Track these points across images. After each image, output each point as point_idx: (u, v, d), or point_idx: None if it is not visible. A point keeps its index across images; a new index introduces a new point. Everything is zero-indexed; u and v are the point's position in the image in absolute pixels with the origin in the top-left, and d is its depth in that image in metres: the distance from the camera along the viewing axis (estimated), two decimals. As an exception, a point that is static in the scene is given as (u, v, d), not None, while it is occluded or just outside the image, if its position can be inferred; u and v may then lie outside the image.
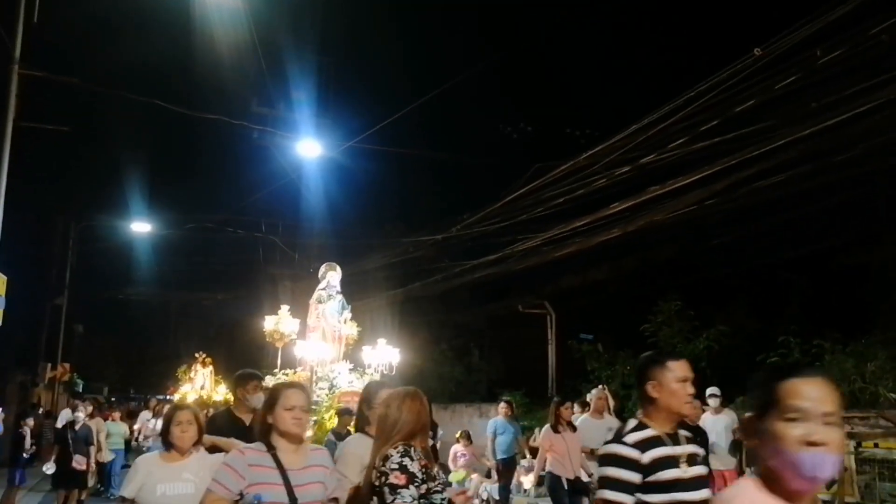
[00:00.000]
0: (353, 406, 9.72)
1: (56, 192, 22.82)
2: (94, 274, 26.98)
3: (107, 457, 13.64)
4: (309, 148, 15.34)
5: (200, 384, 19.23)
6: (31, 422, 11.91)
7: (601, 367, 16.43)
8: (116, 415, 14.61)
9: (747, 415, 1.85)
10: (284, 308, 12.51)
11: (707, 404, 10.63)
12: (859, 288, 13.99)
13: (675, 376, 3.17)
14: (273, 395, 3.43)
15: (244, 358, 27.67)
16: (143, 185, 22.94)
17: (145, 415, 15.01)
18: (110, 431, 13.96)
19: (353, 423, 9.15)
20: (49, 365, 21.34)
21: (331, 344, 11.52)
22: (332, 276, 12.01)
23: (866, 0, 7.66)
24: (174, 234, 24.87)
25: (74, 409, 11.83)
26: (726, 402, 10.32)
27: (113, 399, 21.38)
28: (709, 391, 10.36)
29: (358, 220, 21.68)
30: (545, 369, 19.71)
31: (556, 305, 20.08)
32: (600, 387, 13.88)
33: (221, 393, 19.63)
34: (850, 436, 10.24)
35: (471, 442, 13.22)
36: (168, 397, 19.10)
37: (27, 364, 21.23)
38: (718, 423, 9.97)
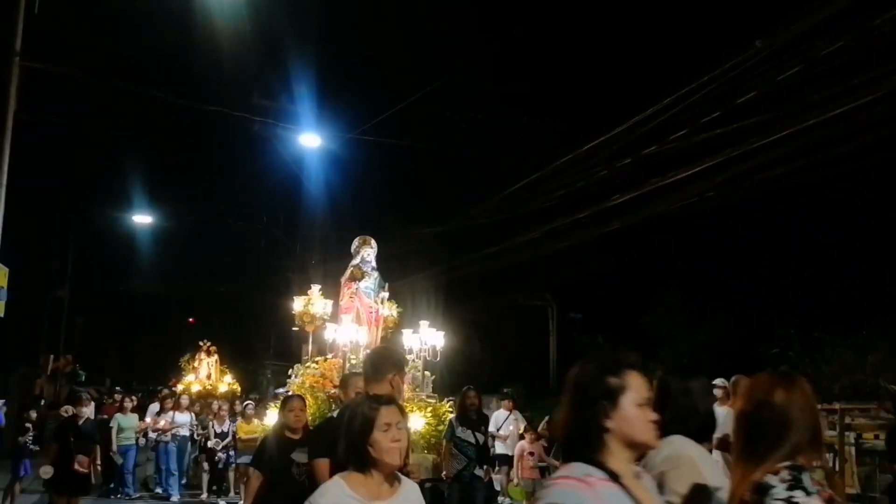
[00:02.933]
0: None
1: (57, 184, 22.85)
2: (97, 266, 27.05)
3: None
4: (311, 139, 15.32)
5: (205, 374, 18.74)
6: (33, 414, 11.87)
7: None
8: (129, 405, 13.23)
9: None
10: (315, 287, 10.96)
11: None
12: (860, 278, 13.99)
13: None
14: (616, 384, 2.04)
15: (249, 347, 27.76)
16: (144, 177, 22.90)
17: (154, 408, 13.75)
18: (122, 425, 12.73)
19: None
20: (52, 356, 21.40)
21: (366, 327, 10.26)
22: (366, 252, 10.78)
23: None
24: (176, 225, 24.91)
25: (77, 402, 9.96)
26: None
27: (132, 388, 20.54)
28: (716, 382, 10.34)
29: (360, 211, 21.64)
30: (546, 361, 19.75)
31: (558, 297, 20.11)
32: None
33: (227, 383, 18.95)
34: (851, 427, 10.28)
35: (539, 437, 11.60)
36: (171, 388, 18.71)
37: (29, 356, 21.30)
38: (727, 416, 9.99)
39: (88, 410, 9.94)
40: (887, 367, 11.13)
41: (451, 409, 9.53)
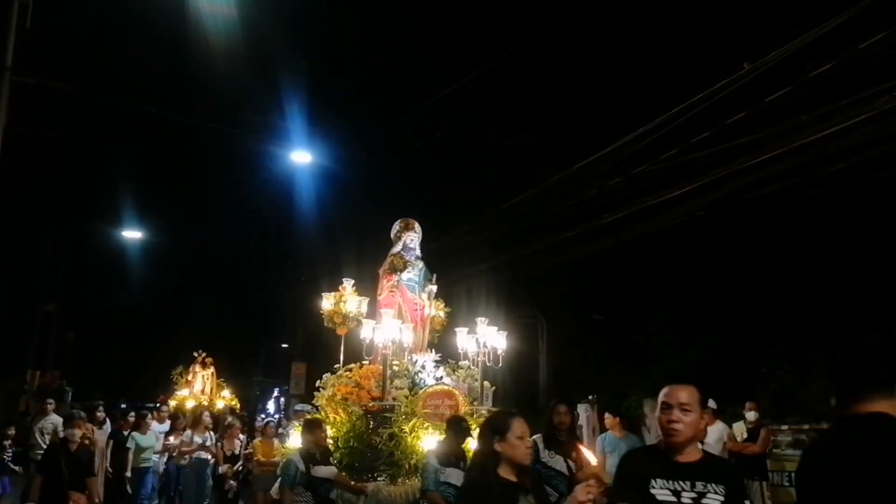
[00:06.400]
0: (446, 410, 7.48)
1: (48, 198, 22.76)
2: (88, 281, 26.94)
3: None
4: (302, 156, 15.34)
5: (200, 388, 17.37)
6: (11, 430, 11.59)
7: (592, 378, 16.45)
8: (151, 422, 12.01)
9: None
10: (348, 282, 9.18)
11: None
12: (850, 297, 14.03)
13: None
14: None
15: (239, 363, 27.67)
16: (136, 192, 22.86)
17: (157, 426, 12.40)
18: (140, 444, 11.54)
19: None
20: (38, 372, 21.21)
21: (411, 325, 8.62)
22: (408, 237, 9.14)
23: (855, 15, 7.73)
24: (166, 240, 24.86)
25: (71, 423, 8.14)
26: (717, 413, 10.32)
27: (156, 405, 19.22)
28: None
29: (351, 227, 21.66)
30: (536, 379, 19.70)
31: (548, 315, 20.08)
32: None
33: (224, 398, 17.57)
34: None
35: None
36: (158, 405, 17.71)
37: (17, 371, 21.11)
38: (711, 435, 9.98)
39: (80, 433, 8.30)
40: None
41: None
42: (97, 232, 23.86)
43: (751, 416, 9.96)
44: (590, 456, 3.56)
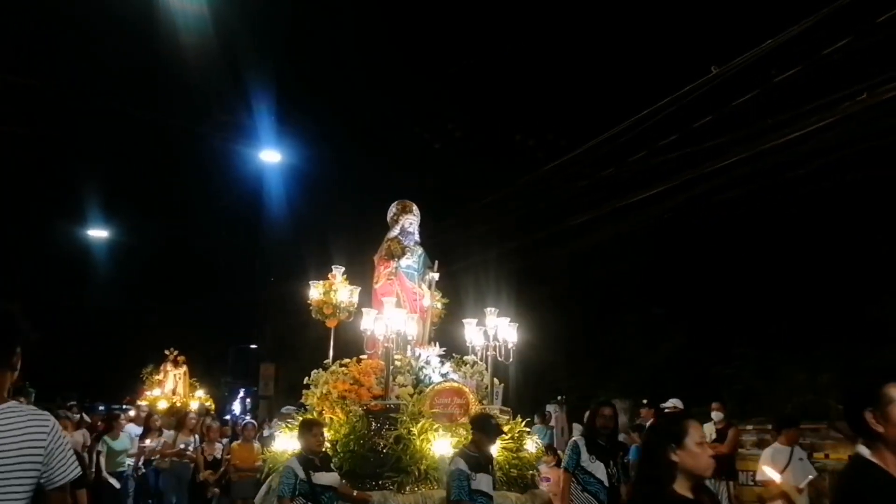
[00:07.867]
0: (456, 409, 6.96)
1: (10, 195, 22.36)
2: (55, 280, 26.48)
3: None
4: (271, 155, 15.25)
5: (171, 388, 16.46)
6: None
7: (561, 378, 16.50)
8: (123, 423, 10.95)
9: None
10: (338, 270, 8.35)
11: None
12: (815, 300, 14.25)
13: None
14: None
15: (207, 364, 27.36)
16: (102, 191, 22.49)
17: (133, 428, 11.40)
18: (114, 448, 10.34)
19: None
20: (0, 372, 20.75)
21: (414, 317, 7.82)
22: (407, 220, 8.31)
23: (819, 21, 7.85)
24: (133, 240, 24.53)
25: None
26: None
27: (85, 406, 17.79)
28: (669, 402, 10.40)
29: (320, 228, 21.53)
30: (506, 379, 19.71)
31: (519, 315, 20.10)
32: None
33: (198, 398, 16.76)
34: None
35: (556, 456, 9.35)
36: (125, 407, 16.17)
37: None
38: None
39: (81, 436, 7.05)
40: (838, 388, 11.35)
41: (528, 431, 7.53)
42: (63, 230, 23.47)
43: (716, 416, 10.06)
44: (772, 474, 3.14)
